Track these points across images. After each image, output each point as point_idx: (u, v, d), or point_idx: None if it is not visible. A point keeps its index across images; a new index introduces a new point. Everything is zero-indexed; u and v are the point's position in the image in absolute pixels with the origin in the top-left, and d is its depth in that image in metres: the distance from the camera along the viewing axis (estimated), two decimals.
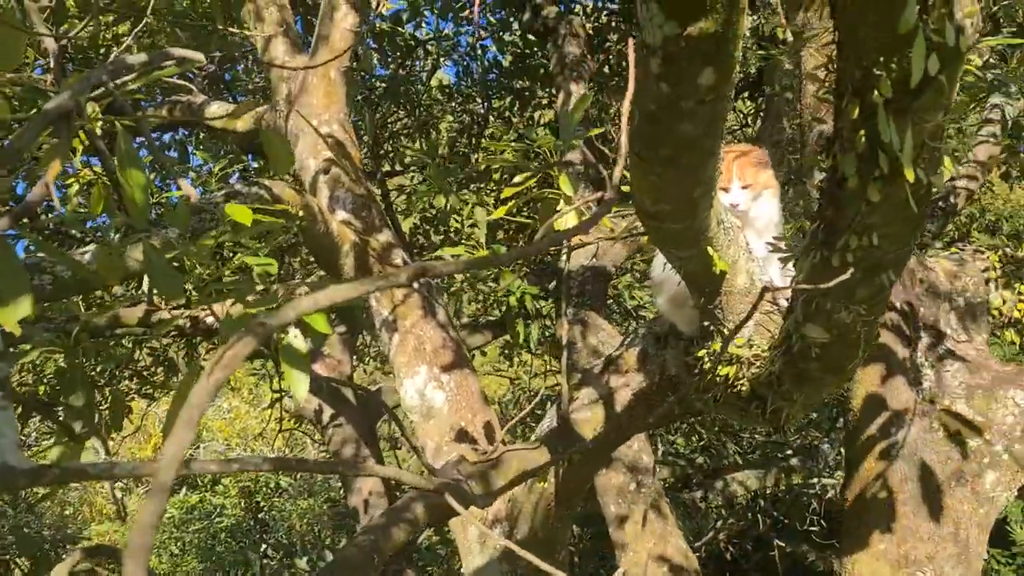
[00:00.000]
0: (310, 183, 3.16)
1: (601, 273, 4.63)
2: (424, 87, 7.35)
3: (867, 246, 1.20)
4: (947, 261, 2.78)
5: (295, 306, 0.66)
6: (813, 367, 1.55)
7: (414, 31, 6.83)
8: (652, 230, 1.61)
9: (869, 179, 1.11)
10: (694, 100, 1.21)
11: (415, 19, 6.63)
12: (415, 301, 3.06)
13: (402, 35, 6.67)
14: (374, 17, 6.66)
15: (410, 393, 3.04)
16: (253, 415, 13.87)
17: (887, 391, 2.50)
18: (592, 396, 2.37)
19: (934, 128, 1.05)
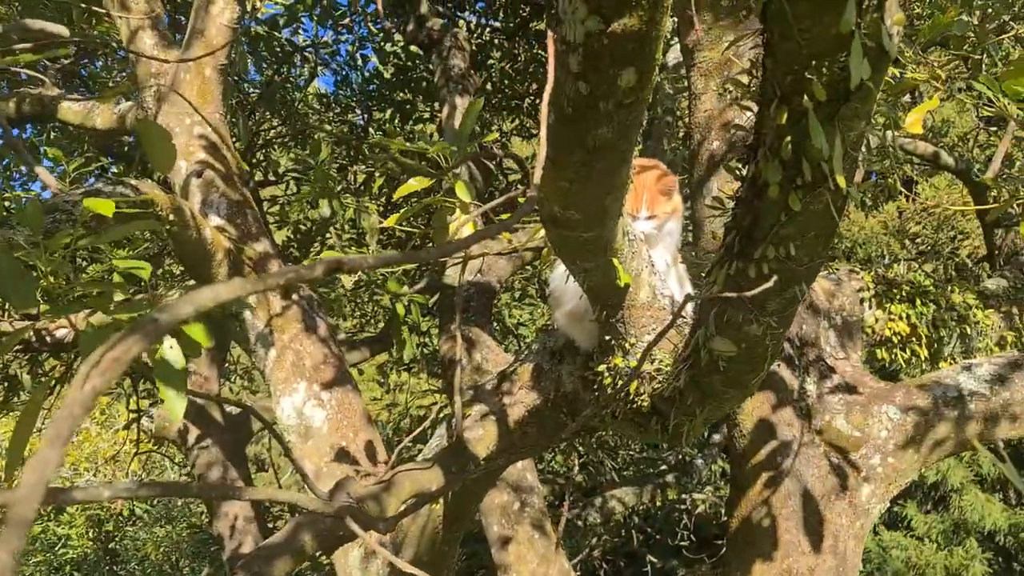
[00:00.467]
0: (181, 186, 2.94)
1: (486, 289, 4.58)
2: (301, 94, 7.13)
3: (784, 257, 1.18)
4: (825, 281, 2.87)
5: (191, 300, 0.55)
6: (718, 381, 1.52)
7: (291, 36, 6.61)
8: (558, 239, 1.55)
9: (791, 187, 1.08)
10: (613, 102, 1.16)
11: (292, 24, 6.42)
12: (294, 313, 2.90)
13: (278, 40, 6.45)
14: (249, 21, 6.41)
15: (287, 411, 2.87)
16: (105, 437, 13.01)
17: (772, 408, 2.54)
18: (484, 413, 2.29)
19: (857, 136, 1.04)
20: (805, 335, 2.67)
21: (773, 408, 2.57)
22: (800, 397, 2.60)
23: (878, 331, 2.85)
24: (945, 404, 2.54)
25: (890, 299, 2.87)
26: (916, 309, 2.88)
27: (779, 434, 2.55)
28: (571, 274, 1.75)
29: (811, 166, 1.04)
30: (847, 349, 2.74)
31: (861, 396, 2.61)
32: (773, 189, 1.09)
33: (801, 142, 1.02)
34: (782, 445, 2.55)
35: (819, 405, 2.58)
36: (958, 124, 10.49)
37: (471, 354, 4.23)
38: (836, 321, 2.77)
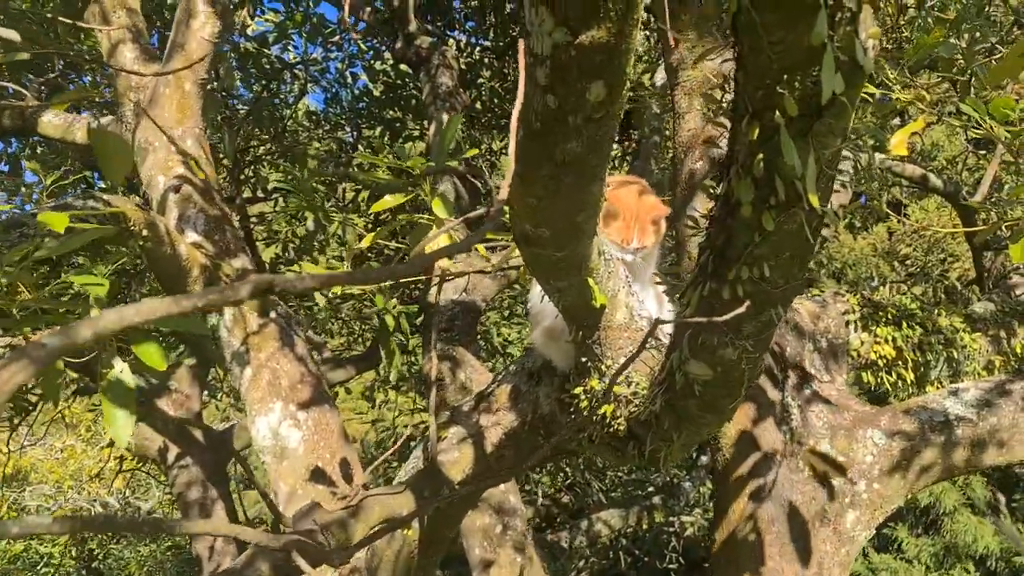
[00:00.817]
0: (159, 201, 2.89)
1: (471, 308, 4.53)
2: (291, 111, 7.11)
3: (758, 278, 1.14)
4: (810, 303, 2.83)
5: (93, 323, 0.50)
6: (694, 405, 1.48)
7: (281, 53, 6.60)
8: (530, 257, 1.50)
9: (764, 207, 1.04)
10: (582, 116, 1.12)
11: (282, 41, 6.40)
12: (271, 332, 2.84)
13: (267, 57, 6.43)
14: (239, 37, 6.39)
15: (263, 432, 2.80)
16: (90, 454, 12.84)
17: (757, 431, 2.49)
18: (461, 435, 2.24)
19: (833, 154, 1.00)
20: (790, 357, 2.63)
21: (756, 430, 2.52)
22: (784, 420, 2.56)
23: (863, 354, 2.81)
24: (931, 429, 2.50)
25: (876, 322, 2.84)
26: (902, 332, 2.85)
27: (762, 457, 2.50)
28: (546, 293, 1.70)
29: (784, 184, 1.00)
30: (832, 372, 2.70)
31: (846, 420, 2.57)
32: (746, 208, 1.05)
33: (774, 159, 0.98)
34: (765, 469, 2.51)
35: (803, 428, 2.54)
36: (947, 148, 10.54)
37: (455, 374, 4.18)
38: (821, 343, 2.73)
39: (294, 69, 6.76)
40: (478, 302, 4.53)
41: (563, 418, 2.01)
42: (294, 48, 6.85)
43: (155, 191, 2.92)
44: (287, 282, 0.60)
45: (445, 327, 4.42)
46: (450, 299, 4.49)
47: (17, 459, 12.51)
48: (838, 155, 1.01)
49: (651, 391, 1.58)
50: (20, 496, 12.19)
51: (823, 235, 3.94)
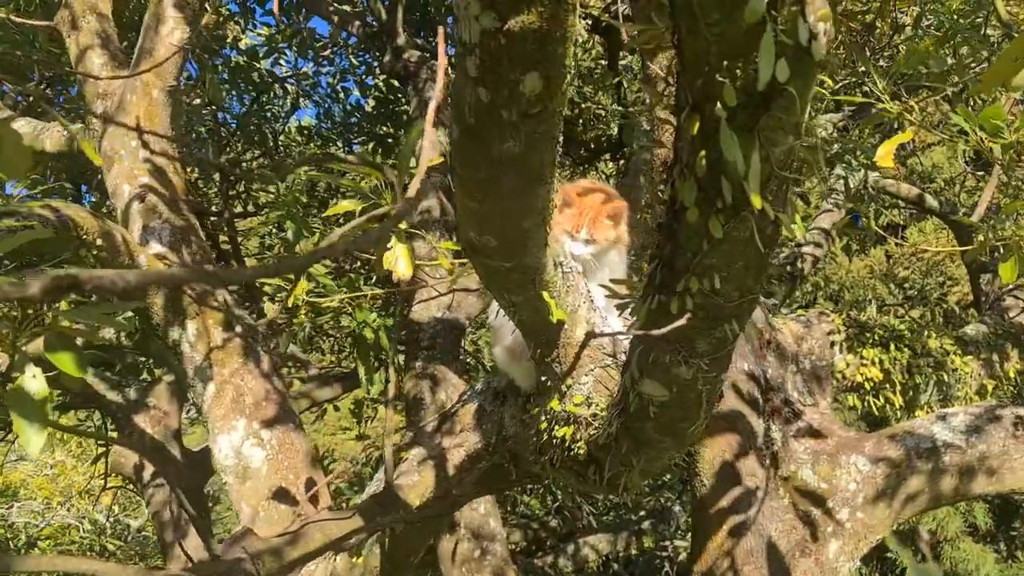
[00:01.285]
0: (122, 211, 2.81)
1: (454, 326, 4.43)
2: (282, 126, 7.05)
3: (708, 291, 1.04)
4: (794, 323, 2.73)
5: None
6: (651, 428, 1.38)
7: (272, 67, 6.54)
8: (479, 267, 1.41)
9: (711, 211, 0.95)
10: (517, 111, 1.03)
11: (273, 55, 6.35)
12: (236, 347, 2.74)
13: (258, 70, 6.37)
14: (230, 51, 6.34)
15: (225, 451, 2.69)
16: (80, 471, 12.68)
17: (735, 457, 2.38)
18: (422, 457, 2.13)
19: (784, 153, 0.90)
20: (772, 380, 2.52)
21: (736, 456, 2.41)
22: (765, 445, 2.45)
23: (849, 376, 2.71)
24: (918, 456, 2.39)
25: (862, 343, 2.74)
26: (890, 354, 2.75)
27: (742, 483, 2.39)
28: (502, 308, 1.61)
29: (732, 186, 0.90)
30: (815, 395, 2.59)
31: (829, 445, 2.46)
32: (692, 212, 0.95)
33: (718, 157, 0.89)
34: (745, 495, 2.39)
35: (784, 454, 2.43)
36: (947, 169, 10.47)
37: (435, 393, 4.07)
38: (804, 365, 2.63)
39: (285, 83, 6.70)
40: (462, 320, 4.43)
41: (526, 440, 1.91)
42: (285, 62, 6.80)
43: (120, 201, 2.83)
44: (97, 278, 0.50)
45: (427, 345, 4.32)
46: (433, 316, 4.40)
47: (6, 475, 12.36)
48: (791, 154, 0.91)
49: (609, 413, 1.47)
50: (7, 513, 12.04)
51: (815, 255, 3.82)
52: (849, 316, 2.78)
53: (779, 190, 0.95)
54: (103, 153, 2.90)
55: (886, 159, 1.89)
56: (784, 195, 0.96)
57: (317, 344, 7.60)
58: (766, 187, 0.92)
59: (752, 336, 2.45)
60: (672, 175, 0.97)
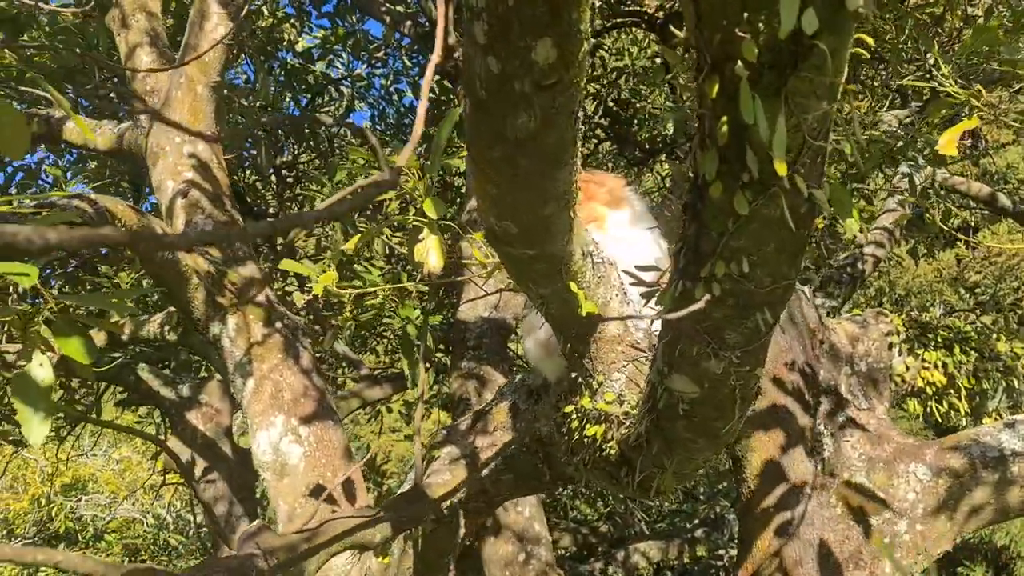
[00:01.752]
0: (167, 207, 2.82)
1: (501, 326, 4.38)
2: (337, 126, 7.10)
3: (736, 276, 0.96)
4: (849, 323, 2.60)
5: None
6: (682, 427, 1.29)
7: (326, 69, 6.59)
8: (504, 257, 1.34)
9: (735, 185, 0.86)
10: (530, 82, 0.96)
11: (327, 57, 6.40)
12: (276, 342, 2.73)
13: (313, 73, 6.42)
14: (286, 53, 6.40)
15: (263, 447, 2.68)
16: (145, 466, 13.00)
17: (784, 461, 2.27)
18: (454, 456, 2.08)
19: (817, 121, 0.82)
20: (824, 381, 2.40)
21: (784, 460, 2.30)
22: (816, 449, 2.32)
23: (909, 380, 2.56)
24: (984, 465, 2.23)
25: (924, 345, 2.58)
26: (954, 357, 2.58)
27: (790, 490, 2.27)
28: (531, 301, 1.54)
29: (757, 157, 0.82)
30: (872, 399, 2.46)
31: (886, 452, 2.32)
32: (715, 188, 0.87)
33: (740, 124, 0.80)
34: (793, 502, 2.27)
35: (837, 459, 2.30)
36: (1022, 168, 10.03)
37: (481, 394, 4.02)
38: (860, 368, 2.49)
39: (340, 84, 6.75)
40: (509, 319, 4.38)
41: (559, 440, 1.83)
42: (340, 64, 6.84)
43: (164, 196, 2.84)
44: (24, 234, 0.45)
45: (473, 345, 4.28)
46: (480, 316, 4.35)
47: (77, 469, 12.74)
48: (826, 121, 0.83)
49: (639, 410, 1.39)
50: (76, 506, 12.41)
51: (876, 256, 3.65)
52: (909, 316, 2.63)
53: (812, 163, 0.86)
54: (149, 150, 2.92)
55: (949, 147, 1.77)
56: (819, 169, 0.88)
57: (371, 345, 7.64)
58: (798, 159, 0.84)
59: (804, 335, 2.33)
60: (694, 146, 0.89)
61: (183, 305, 2.62)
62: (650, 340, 1.60)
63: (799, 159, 0.84)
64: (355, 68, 6.66)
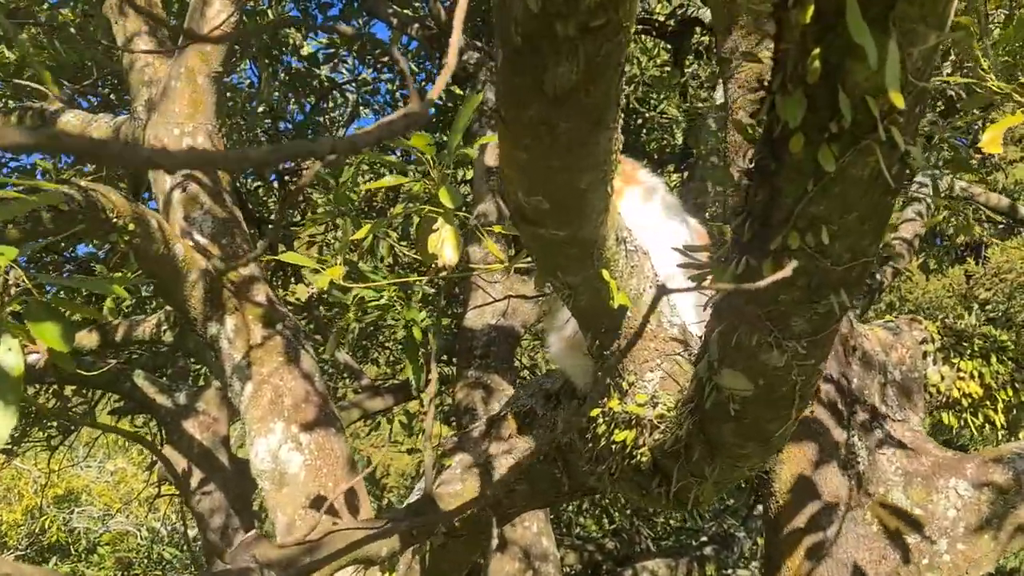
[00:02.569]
0: (163, 200, 2.70)
1: (509, 334, 4.24)
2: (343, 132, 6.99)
3: (812, 249, 0.82)
4: (882, 330, 2.46)
5: None
6: (729, 431, 1.15)
7: (331, 73, 6.49)
8: (531, 240, 1.21)
9: (821, 138, 0.73)
10: (575, 24, 0.83)
11: (332, 61, 6.30)
12: (276, 344, 2.59)
13: (318, 77, 6.32)
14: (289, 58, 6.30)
15: (261, 455, 2.54)
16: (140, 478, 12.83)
17: (816, 475, 2.13)
18: (467, 464, 1.94)
19: (923, 57, 0.69)
20: (857, 391, 2.26)
21: (816, 474, 2.16)
22: (849, 463, 2.18)
23: (944, 391, 2.42)
24: None
25: (959, 354, 2.44)
26: (991, 367, 2.45)
27: (823, 506, 2.13)
28: (556, 293, 1.41)
29: (851, 99, 0.69)
30: (906, 410, 2.32)
31: (923, 466, 2.18)
32: (796, 141, 0.74)
33: (837, 59, 0.68)
34: (826, 520, 2.13)
35: (872, 473, 2.16)
36: None
37: (487, 404, 3.89)
38: (894, 376, 2.36)
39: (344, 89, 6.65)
40: (517, 327, 4.25)
41: (582, 447, 1.69)
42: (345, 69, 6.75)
43: (161, 189, 2.72)
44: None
45: (481, 353, 4.14)
46: (487, 323, 4.22)
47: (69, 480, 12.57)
48: (931, 59, 0.70)
49: (678, 412, 1.25)
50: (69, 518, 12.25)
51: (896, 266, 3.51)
52: (944, 324, 2.49)
53: (911, 111, 0.73)
54: (146, 142, 2.80)
55: (993, 144, 1.63)
56: (917, 121, 0.75)
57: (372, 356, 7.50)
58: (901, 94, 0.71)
59: (836, 341, 2.19)
60: (769, 94, 0.76)
61: (179, 304, 2.48)
62: (686, 336, 1.47)
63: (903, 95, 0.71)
64: (360, 72, 6.56)
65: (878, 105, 0.70)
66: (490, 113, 4.84)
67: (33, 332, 1.06)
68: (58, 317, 1.08)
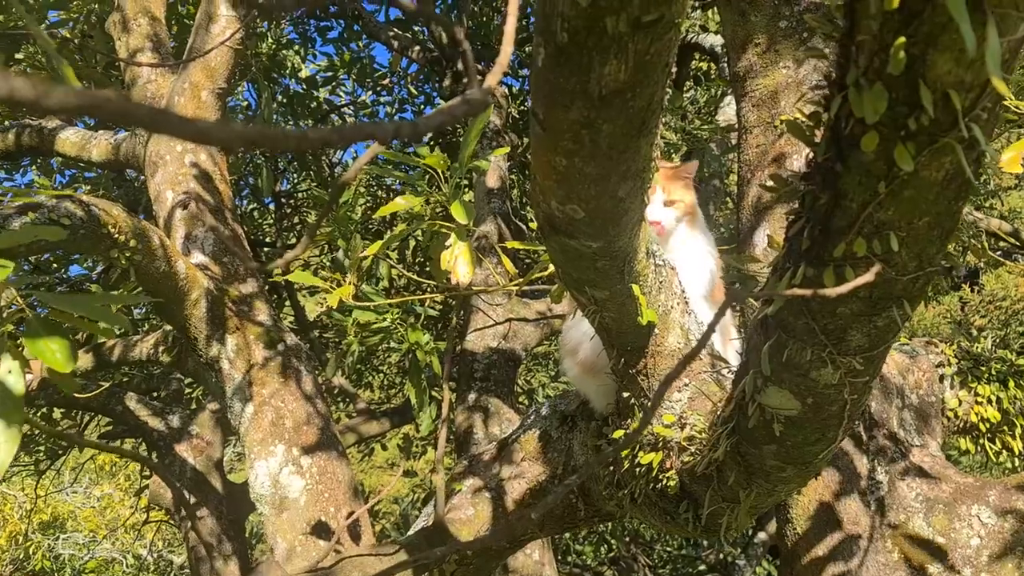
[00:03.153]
0: (165, 218, 2.64)
1: (510, 357, 4.19)
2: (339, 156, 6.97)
3: (879, 257, 0.78)
4: (898, 353, 2.42)
5: None
6: (770, 454, 1.10)
7: (330, 95, 6.47)
8: (559, 252, 1.16)
9: (898, 135, 0.69)
10: (626, 19, 0.79)
11: (331, 83, 6.28)
12: (277, 365, 2.53)
13: (316, 99, 6.31)
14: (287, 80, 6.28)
15: (261, 478, 2.47)
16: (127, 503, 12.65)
17: (836, 502, 2.07)
18: (477, 488, 1.87)
19: (1011, 49, 0.65)
20: (876, 415, 2.21)
21: (836, 499, 2.10)
22: (870, 490, 2.12)
23: (961, 416, 2.37)
24: None
25: (977, 378, 2.40)
26: (1009, 392, 2.40)
27: (841, 532, 2.07)
28: (579, 308, 1.35)
29: (933, 94, 0.65)
30: (924, 435, 2.27)
31: (945, 493, 2.13)
32: (870, 139, 0.69)
33: (920, 51, 0.63)
34: (845, 546, 2.07)
35: (892, 500, 2.10)
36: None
37: (487, 427, 3.82)
38: (911, 400, 2.31)
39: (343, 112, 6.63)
40: (518, 351, 4.19)
41: (601, 471, 1.63)
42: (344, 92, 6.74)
43: (162, 207, 2.66)
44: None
45: (481, 376, 4.09)
46: (488, 346, 4.16)
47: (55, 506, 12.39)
48: (1016, 56, 0.66)
49: (712, 433, 1.20)
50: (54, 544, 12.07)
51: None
52: (960, 347, 2.45)
53: (993, 106, 0.68)
54: (148, 159, 2.75)
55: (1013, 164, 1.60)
56: (996, 119, 0.70)
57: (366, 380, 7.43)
58: (978, 101, 0.66)
59: None
60: (840, 90, 0.71)
61: (180, 323, 2.42)
62: (712, 355, 1.42)
63: (980, 101, 0.66)
64: (359, 95, 6.55)
65: (961, 100, 0.65)
66: (491, 136, 4.81)
67: (31, 352, 0.99)
68: (59, 334, 1.02)
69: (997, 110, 0.70)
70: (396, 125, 0.49)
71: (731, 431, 1.12)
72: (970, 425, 2.40)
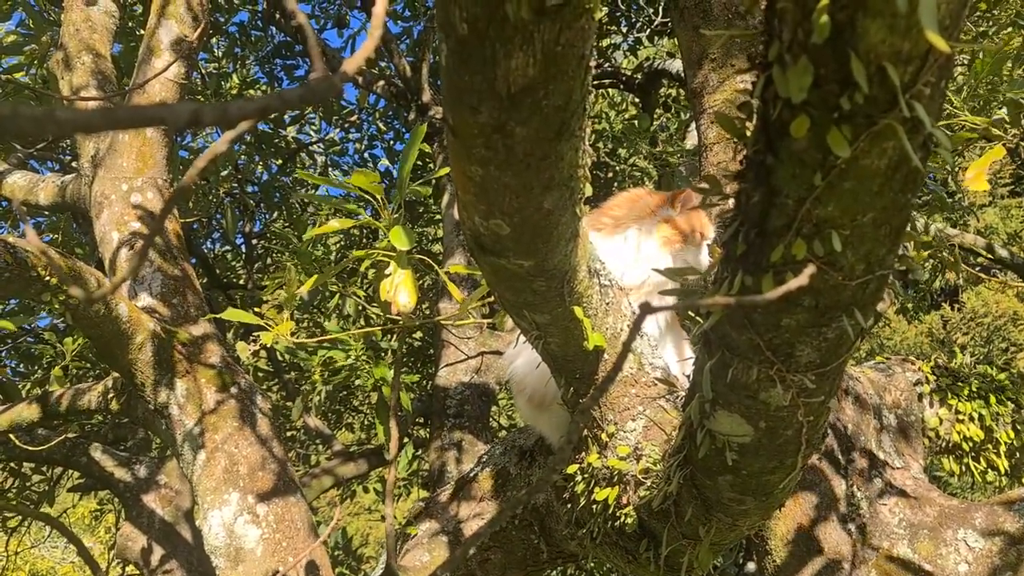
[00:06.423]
0: (109, 261, 2.53)
1: (483, 391, 4.08)
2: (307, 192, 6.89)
3: (821, 260, 0.69)
4: (872, 371, 2.33)
5: None
6: (726, 484, 1.00)
7: (297, 134, 6.41)
8: (492, 274, 1.07)
9: (829, 119, 0.60)
10: (529, 5, 0.70)
11: (299, 121, 6.22)
12: (230, 409, 2.41)
13: (283, 138, 6.23)
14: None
15: (215, 529, 2.34)
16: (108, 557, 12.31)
17: (816, 528, 1.96)
18: (434, 531, 1.76)
19: (952, 11, 0.56)
20: (852, 436, 2.11)
21: (816, 527, 1.99)
22: (850, 515, 2.02)
23: (943, 435, 2.29)
24: None
25: (956, 395, 2.32)
26: (990, 409, 2.32)
27: (824, 562, 1.96)
28: (523, 334, 1.26)
29: (867, 68, 0.56)
30: (905, 456, 2.17)
31: (929, 517, 2.03)
32: (800, 124, 0.61)
33: (848, 17, 0.55)
34: (826, 570, 1.96)
35: (874, 526, 2.00)
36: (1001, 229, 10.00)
37: (460, 464, 3.70)
38: (889, 420, 2.22)
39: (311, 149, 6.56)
40: (491, 385, 4.09)
41: (560, 508, 1.53)
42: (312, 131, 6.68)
43: (108, 249, 2.56)
44: None
45: (454, 413, 3.97)
46: (460, 381, 4.05)
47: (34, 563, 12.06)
48: (958, 21, 0.57)
49: (666, 465, 1.10)
50: None
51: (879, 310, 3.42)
52: (938, 364, 2.37)
53: (936, 86, 0.60)
54: (93, 199, 2.65)
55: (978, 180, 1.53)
56: (942, 97, 0.62)
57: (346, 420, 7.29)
58: (919, 75, 0.58)
59: None
60: (763, 71, 0.63)
61: (124, 369, 2.30)
62: (670, 379, 1.32)
63: (921, 74, 0.58)
64: (327, 132, 6.49)
65: (899, 74, 0.57)
66: None
67: None
68: None
69: (943, 86, 0.61)
70: (195, 108, 0.40)
71: (683, 462, 1.02)
72: (953, 445, 2.31)
